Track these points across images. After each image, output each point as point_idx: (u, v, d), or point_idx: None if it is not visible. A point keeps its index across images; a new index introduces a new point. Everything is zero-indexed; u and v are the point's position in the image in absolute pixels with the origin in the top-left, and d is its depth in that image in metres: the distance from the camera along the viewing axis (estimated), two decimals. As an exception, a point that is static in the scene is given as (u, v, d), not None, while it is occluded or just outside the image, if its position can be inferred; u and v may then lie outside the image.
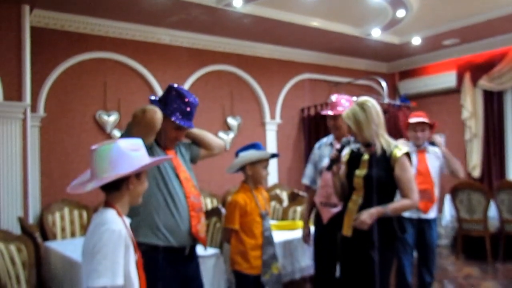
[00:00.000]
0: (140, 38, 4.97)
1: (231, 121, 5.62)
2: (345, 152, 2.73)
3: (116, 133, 4.72)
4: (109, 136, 4.69)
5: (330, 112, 3.15)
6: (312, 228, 3.29)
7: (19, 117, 3.73)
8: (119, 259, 1.53)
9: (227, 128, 5.60)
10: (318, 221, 3.21)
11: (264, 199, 2.90)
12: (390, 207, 2.44)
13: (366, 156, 2.58)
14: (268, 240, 2.78)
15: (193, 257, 2.40)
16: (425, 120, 3.54)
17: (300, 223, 3.71)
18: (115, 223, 1.58)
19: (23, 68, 3.76)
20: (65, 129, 4.51)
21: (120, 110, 4.79)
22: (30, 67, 3.84)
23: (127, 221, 1.69)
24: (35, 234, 3.05)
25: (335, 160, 2.64)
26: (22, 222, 3.51)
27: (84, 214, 4.36)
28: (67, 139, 4.51)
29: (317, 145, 3.36)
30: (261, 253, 2.74)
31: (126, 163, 1.61)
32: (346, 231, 2.55)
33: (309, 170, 3.32)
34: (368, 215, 2.40)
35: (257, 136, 5.87)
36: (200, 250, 2.47)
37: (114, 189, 1.66)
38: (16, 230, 3.42)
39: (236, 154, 2.89)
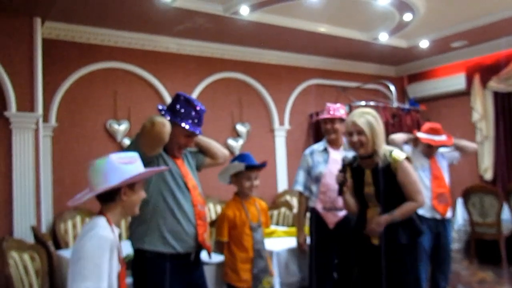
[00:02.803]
0: (149, 47, 5.03)
1: (240, 127, 5.64)
2: (345, 167, 2.70)
3: (127, 141, 4.76)
4: (119, 145, 4.75)
5: (328, 115, 3.27)
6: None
7: (32, 127, 3.80)
8: (103, 264, 1.59)
9: (236, 135, 5.63)
10: (318, 228, 3.19)
11: (258, 210, 2.84)
12: (397, 213, 2.48)
13: (368, 172, 2.58)
14: (258, 253, 2.73)
15: (198, 264, 2.41)
16: (437, 139, 3.51)
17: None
18: (103, 229, 1.67)
19: (35, 79, 3.83)
20: (76, 138, 4.57)
21: (130, 118, 4.84)
22: (42, 78, 3.91)
23: (116, 230, 1.76)
24: (48, 243, 3.09)
25: (343, 182, 2.63)
26: (35, 231, 3.55)
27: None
28: (78, 148, 4.57)
29: (307, 151, 3.38)
30: (251, 266, 2.69)
31: (118, 175, 1.71)
32: (374, 240, 2.55)
33: (301, 176, 3.32)
34: (377, 224, 2.48)
35: (266, 142, 5.88)
36: (205, 257, 2.48)
37: (109, 200, 1.76)
38: (30, 239, 3.47)
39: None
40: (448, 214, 3.52)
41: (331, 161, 3.23)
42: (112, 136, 4.76)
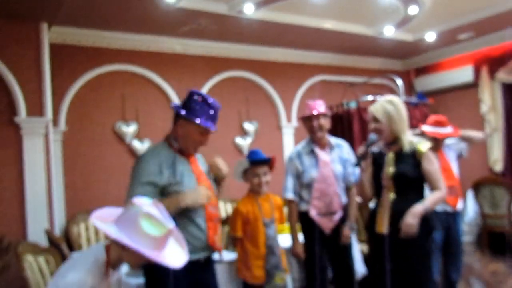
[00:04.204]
0: (155, 49, 5.05)
1: (248, 126, 5.65)
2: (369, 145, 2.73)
3: (136, 143, 4.80)
4: (128, 147, 4.78)
5: (315, 112, 3.11)
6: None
7: (42, 132, 3.84)
8: None
9: (244, 133, 5.64)
10: (312, 234, 3.09)
11: (271, 207, 2.84)
12: (429, 202, 2.46)
13: (390, 155, 2.60)
14: (271, 250, 2.74)
15: (209, 264, 2.41)
16: (443, 131, 3.51)
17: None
18: (88, 273, 1.63)
19: (44, 84, 3.86)
20: (86, 141, 4.61)
21: (139, 120, 4.87)
22: (50, 82, 3.94)
23: (114, 274, 1.75)
24: (61, 246, 3.12)
25: (363, 157, 2.64)
26: (49, 234, 3.60)
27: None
28: (88, 151, 4.60)
29: (293, 154, 3.21)
30: (264, 263, 2.70)
31: (129, 234, 1.62)
32: (380, 228, 2.55)
33: (290, 183, 3.15)
34: (412, 216, 2.40)
35: (274, 140, 5.89)
36: (216, 256, 2.48)
37: (117, 243, 1.70)
38: (44, 242, 3.51)
39: None
40: (459, 207, 3.51)
41: (322, 164, 3.10)
42: (121, 138, 4.79)
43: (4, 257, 3.07)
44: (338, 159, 3.16)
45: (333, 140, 3.25)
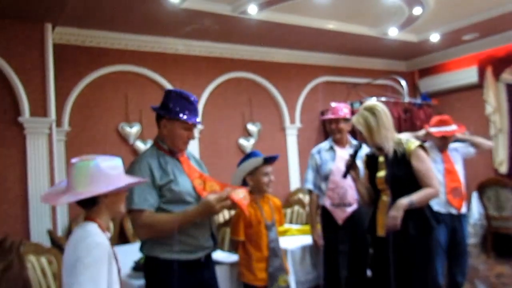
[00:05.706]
0: (158, 49, 5.05)
1: (251, 127, 5.64)
2: (361, 157, 2.75)
3: (139, 144, 4.80)
4: (132, 147, 4.78)
5: (332, 116, 3.40)
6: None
7: (45, 132, 3.84)
8: (101, 272, 1.57)
9: (247, 134, 5.63)
10: (327, 224, 3.33)
11: (271, 209, 2.83)
12: (414, 198, 2.45)
13: (381, 158, 2.62)
14: (273, 252, 2.72)
15: (209, 264, 2.39)
16: (449, 129, 3.49)
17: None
18: (98, 236, 1.65)
19: (48, 85, 3.87)
20: (89, 142, 4.61)
21: (142, 121, 4.87)
22: (54, 83, 3.95)
23: (108, 235, 1.75)
24: (64, 246, 3.12)
25: (350, 166, 2.64)
26: (52, 234, 3.60)
27: (110, 224, 4.43)
28: (91, 151, 4.59)
29: (314, 150, 3.50)
30: (267, 265, 2.69)
31: (105, 181, 1.67)
32: (381, 231, 2.55)
33: (310, 175, 3.44)
34: (395, 209, 2.41)
35: (278, 141, 5.88)
36: (218, 256, 2.45)
37: (92, 204, 1.72)
38: (46, 242, 3.51)
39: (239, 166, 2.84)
40: (463, 209, 3.49)
41: (338, 159, 3.32)
42: (124, 139, 4.79)
43: (7, 257, 3.06)
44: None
45: (354, 141, 3.46)
